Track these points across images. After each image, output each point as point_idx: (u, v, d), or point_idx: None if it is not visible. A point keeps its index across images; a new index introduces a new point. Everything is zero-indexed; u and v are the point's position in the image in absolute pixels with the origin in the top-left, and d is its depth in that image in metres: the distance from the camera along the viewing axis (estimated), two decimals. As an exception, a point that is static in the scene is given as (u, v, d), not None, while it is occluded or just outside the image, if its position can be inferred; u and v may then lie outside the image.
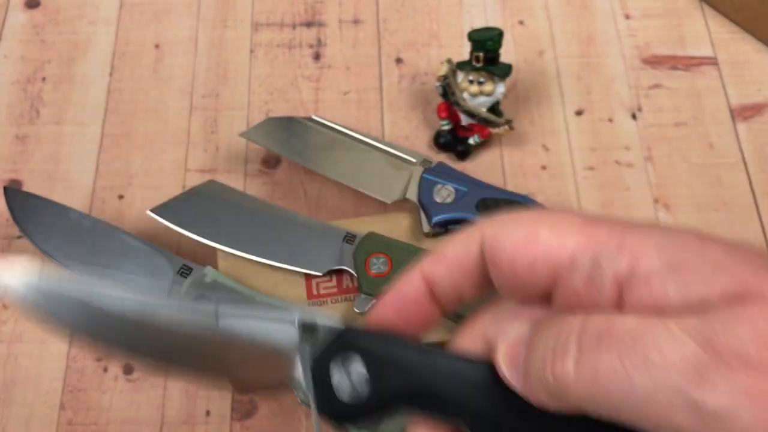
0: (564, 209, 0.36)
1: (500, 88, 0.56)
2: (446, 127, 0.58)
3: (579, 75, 0.63)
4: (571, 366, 0.22)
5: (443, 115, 0.58)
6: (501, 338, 0.25)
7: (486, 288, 0.27)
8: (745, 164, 0.59)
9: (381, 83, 0.63)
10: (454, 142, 0.58)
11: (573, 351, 0.22)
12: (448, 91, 0.56)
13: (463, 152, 0.58)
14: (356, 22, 0.66)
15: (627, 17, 0.66)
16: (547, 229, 0.25)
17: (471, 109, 0.56)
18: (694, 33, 0.65)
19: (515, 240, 0.25)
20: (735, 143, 0.60)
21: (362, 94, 0.62)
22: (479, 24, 0.65)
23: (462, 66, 0.56)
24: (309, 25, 0.66)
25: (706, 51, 0.64)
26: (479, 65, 0.55)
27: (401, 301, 0.27)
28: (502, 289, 0.26)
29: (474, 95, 0.56)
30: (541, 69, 0.64)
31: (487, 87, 0.56)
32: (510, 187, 0.57)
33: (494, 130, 0.57)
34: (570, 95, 0.62)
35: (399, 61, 0.64)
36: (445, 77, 0.55)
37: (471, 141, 0.58)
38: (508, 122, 0.57)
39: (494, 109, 0.57)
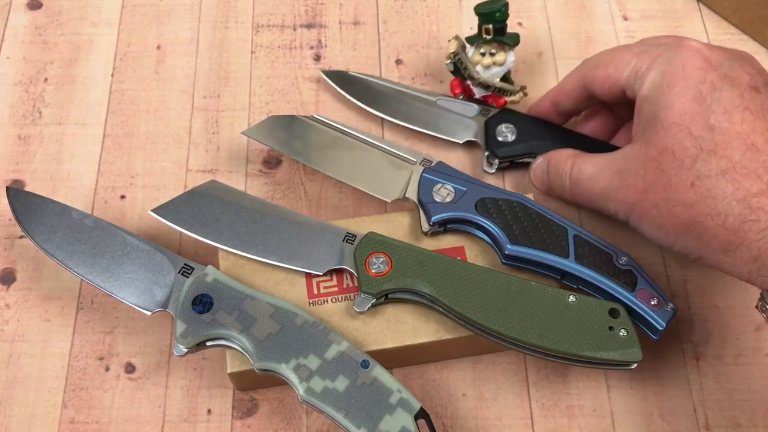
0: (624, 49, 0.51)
1: (511, 57, 0.57)
2: None
3: (578, 76, 0.64)
4: (568, 194, 0.53)
5: (457, 91, 0.59)
6: (533, 164, 0.56)
7: (585, 104, 0.55)
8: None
9: (381, 84, 0.63)
10: None
11: (567, 186, 0.52)
12: (459, 66, 0.57)
13: None
14: (356, 23, 0.66)
15: (625, 18, 0.67)
16: (612, 67, 0.50)
17: (485, 81, 0.57)
18: (691, 34, 0.66)
19: (599, 76, 0.51)
20: (733, 144, 0.60)
21: (362, 94, 0.62)
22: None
23: (471, 40, 0.57)
24: (309, 26, 0.66)
25: (704, 52, 0.65)
26: (489, 37, 0.56)
27: (538, 112, 0.58)
28: (599, 96, 0.53)
29: (487, 67, 0.57)
30: (540, 70, 0.64)
31: (500, 57, 0.57)
32: (508, 187, 0.58)
33: (509, 98, 0.58)
34: (569, 96, 0.63)
35: (399, 62, 0.64)
36: (455, 54, 0.57)
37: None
38: (523, 89, 0.58)
39: (506, 78, 0.59)
